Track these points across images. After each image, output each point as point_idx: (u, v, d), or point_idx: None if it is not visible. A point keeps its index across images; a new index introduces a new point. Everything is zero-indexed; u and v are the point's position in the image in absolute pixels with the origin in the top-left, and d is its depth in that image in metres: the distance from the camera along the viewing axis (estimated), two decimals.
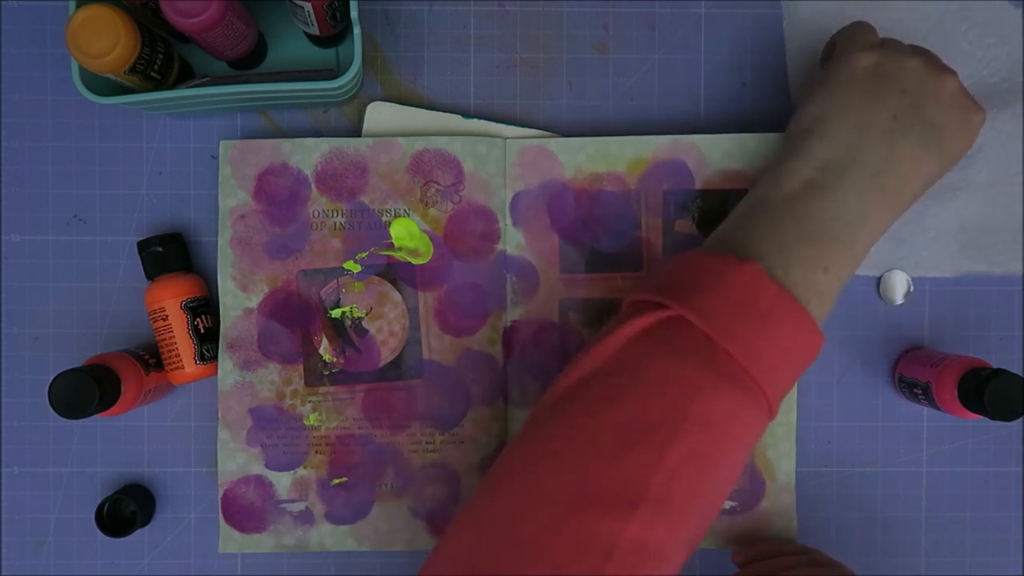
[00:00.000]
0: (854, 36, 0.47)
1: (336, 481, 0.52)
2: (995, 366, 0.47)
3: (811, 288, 0.40)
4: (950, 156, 0.44)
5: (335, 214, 0.52)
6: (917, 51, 0.45)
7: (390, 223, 0.52)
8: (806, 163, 0.43)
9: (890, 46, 0.45)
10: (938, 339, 0.54)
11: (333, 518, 0.52)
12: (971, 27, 0.53)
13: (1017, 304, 0.54)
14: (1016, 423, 0.54)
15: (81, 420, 0.50)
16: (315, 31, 0.49)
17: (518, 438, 0.40)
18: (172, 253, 0.51)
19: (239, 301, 0.52)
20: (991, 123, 0.53)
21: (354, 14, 0.47)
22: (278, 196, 0.52)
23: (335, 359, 0.52)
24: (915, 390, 0.51)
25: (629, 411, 0.37)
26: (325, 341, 0.52)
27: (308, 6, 0.45)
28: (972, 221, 0.53)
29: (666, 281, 0.42)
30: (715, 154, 0.51)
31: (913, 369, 0.51)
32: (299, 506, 0.52)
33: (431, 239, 0.52)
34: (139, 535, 0.53)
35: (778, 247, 0.41)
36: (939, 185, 0.53)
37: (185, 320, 0.50)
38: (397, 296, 0.52)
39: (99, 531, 0.50)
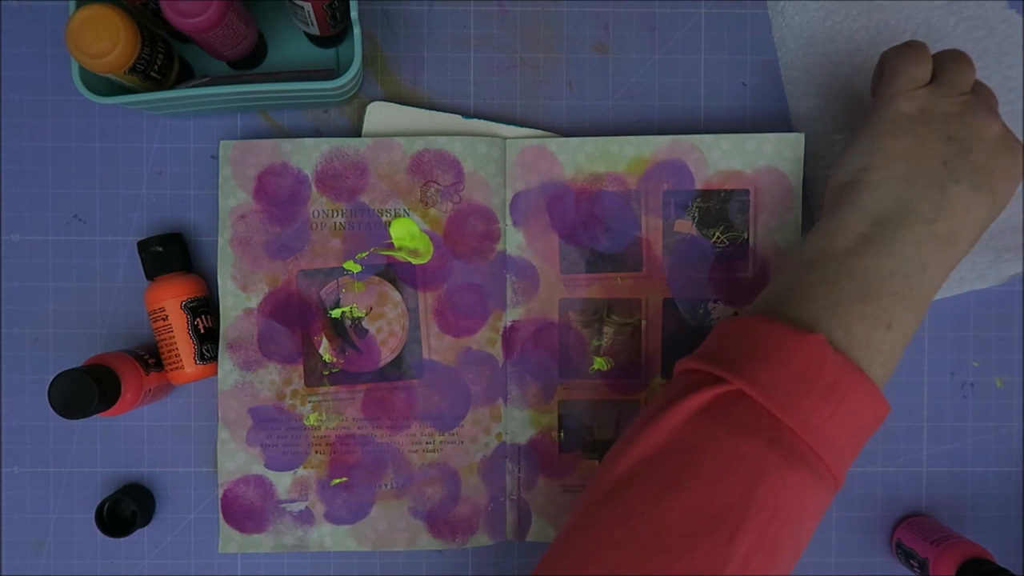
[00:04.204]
0: (899, 67, 0.45)
1: (336, 481, 0.52)
2: (997, 561, 0.47)
3: (874, 348, 0.39)
4: (1002, 198, 0.43)
5: (335, 214, 0.52)
6: (958, 92, 0.44)
7: (390, 223, 0.52)
8: (858, 217, 0.42)
9: (936, 85, 0.44)
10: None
11: (333, 518, 0.52)
12: (959, 21, 0.53)
13: (1017, 306, 0.54)
14: (1016, 423, 0.54)
15: (81, 420, 0.50)
16: (315, 31, 0.49)
17: (577, 523, 0.38)
18: (172, 253, 0.51)
19: (239, 301, 0.52)
20: None
21: (354, 14, 0.47)
22: (278, 196, 0.52)
23: (335, 359, 0.52)
24: (912, 561, 0.51)
25: (692, 499, 0.36)
26: (325, 341, 0.52)
27: (308, 6, 0.45)
28: (997, 225, 0.53)
29: (720, 349, 0.40)
30: (715, 154, 0.51)
31: (913, 539, 0.51)
32: (299, 506, 0.52)
33: (431, 239, 0.52)
34: (139, 535, 0.53)
35: (836, 307, 0.39)
36: None
37: (185, 320, 0.50)
38: (397, 296, 0.52)
39: (99, 531, 0.50)
